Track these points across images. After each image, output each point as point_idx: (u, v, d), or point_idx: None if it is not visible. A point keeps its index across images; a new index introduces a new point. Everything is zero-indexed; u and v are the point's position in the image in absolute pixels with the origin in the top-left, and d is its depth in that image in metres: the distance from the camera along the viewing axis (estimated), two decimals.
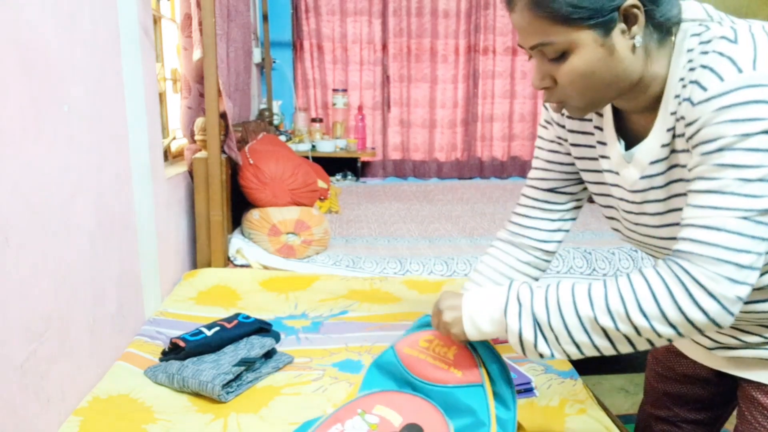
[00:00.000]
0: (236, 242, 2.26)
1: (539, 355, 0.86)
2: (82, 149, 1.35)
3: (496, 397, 0.97)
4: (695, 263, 0.75)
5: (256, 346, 1.43)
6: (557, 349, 0.85)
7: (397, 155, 4.40)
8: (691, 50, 0.79)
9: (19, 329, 1.07)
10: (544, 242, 1.10)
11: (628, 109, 0.90)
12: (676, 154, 0.83)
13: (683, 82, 0.79)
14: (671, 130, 0.82)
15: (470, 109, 4.37)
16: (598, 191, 1.01)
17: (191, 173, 2.18)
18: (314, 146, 3.94)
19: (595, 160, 0.98)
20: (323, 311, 1.83)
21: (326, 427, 0.96)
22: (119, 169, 1.59)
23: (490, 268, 1.13)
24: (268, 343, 1.46)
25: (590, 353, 0.84)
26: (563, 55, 0.80)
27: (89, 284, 1.37)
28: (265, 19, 4.03)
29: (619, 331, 0.79)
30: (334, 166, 4.10)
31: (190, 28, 2.14)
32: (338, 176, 4.16)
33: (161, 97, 2.31)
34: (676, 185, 0.85)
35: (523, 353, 0.88)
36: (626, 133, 0.92)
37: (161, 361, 1.44)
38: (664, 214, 0.89)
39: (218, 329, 1.47)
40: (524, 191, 1.11)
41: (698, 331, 0.78)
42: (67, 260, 1.26)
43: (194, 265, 2.22)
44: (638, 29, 0.78)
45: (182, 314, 1.75)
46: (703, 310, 0.75)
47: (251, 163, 2.32)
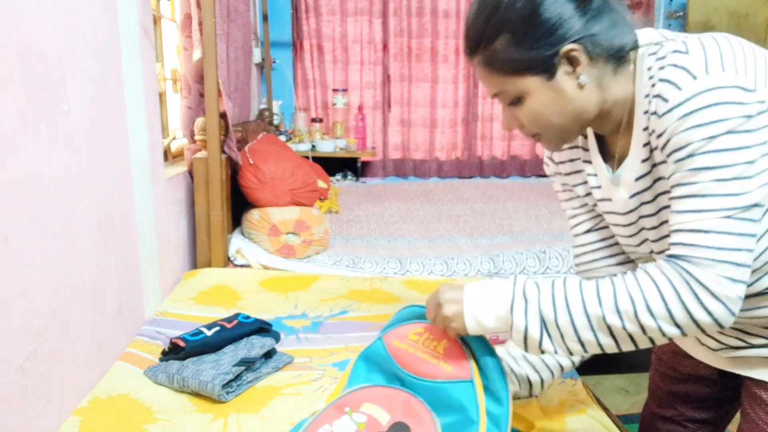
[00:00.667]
0: (236, 242, 2.26)
1: (541, 351, 0.87)
2: (82, 149, 1.35)
3: (487, 392, 0.96)
4: (697, 265, 0.77)
5: (256, 346, 1.43)
6: (561, 346, 0.85)
7: (397, 155, 4.40)
8: (650, 68, 0.83)
9: (19, 329, 1.07)
10: (609, 268, 1.06)
11: (603, 134, 0.95)
12: (657, 167, 0.86)
13: (648, 98, 0.83)
14: (647, 144, 0.86)
15: (470, 108, 4.38)
16: (599, 212, 1.04)
17: (191, 173, 2.18)
18: (314, 146, 3.94)
19: (589, 195, 1.02)
20: (323, 311, 1.83)
21: (315, 427, 0.95)
22: (119, 169, 1.59)
23: None
24: (268, 343, 1.46)
25: (593, 351, 0.85)
26: (519, 99, 0.87)
27: (89, 284, 1.37)
28: (265, 19, 4.03)
29: (625, 330, 0.81)
30: (334, 166, 4.10)
31: (190, 28, 2.14)
32: (338, 176, 4.16)
33: (161, 97, 2.31)
34: (663, 198, 0.88)
35: (525, 349, 0.88)
36: (610, 159, 0.96)
37: (161, 361, 1.44)
38: (658, 227, 0.91)
39: (218, 329, 1.47)
40: (573, 240, 1.10)
41: (702, 331, 0.79)
42: (67, 260, 1.26)
43: (194, 265, 2.22)
44: (583, 68, 0.84)
45: (182, 314, 1.75)
46: (708, 311, 0.77)
47: (251, 163, 2.32)
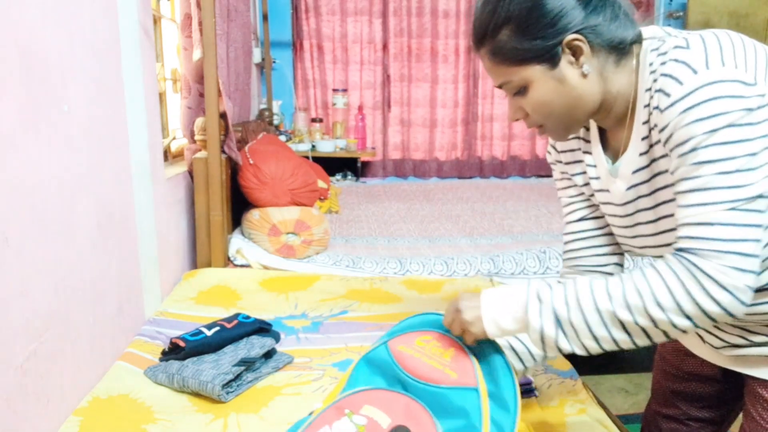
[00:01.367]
0: (236, 242, 2.26)
1: (558, 350, 0.88)
2: (82, 149, 1.35)
3: (494, 399, 0.96)
4: (703, 257, 0.78)
5: (256, 346, 1.43)
6: (577, 344, 0.86)
7: (397, 155, 4.40)
8: (651, 63, 0.86)
9: (19, 329, 1.07)
10: (602, 266, 1.09)
11: (605, 126, 0.97)
12: (656, 162, 0.88)
13: (650, 92, 0.85)
14: (646, 138, 0.88)
15: (470, 108, 4.38)
16: (596, 202, 1.06)
17: (191, 173, 2.18)
18: (314, 146, 3.94)
19: (587, 185, 1.05)
20: (323, 311, 1.83)
21: (314, 428, 0.95)
22: (119, 169, 1.59)
23: None
24: (268, 343, 1.46)
25: (609, 347, 0.86)
26: (524, 89, 0.90)
27: (89, 284, 1.37)
28: (265, 19, 4.03)
29: (637, 324, 0.82)
30: (334, 166, 4.10)
31: (190, 28, 2.14)
32: (338, 176, 4.16)
33: (161, 97, 2.31)
34: (662, 193, 0.89)
35: (543, 350, 0.90)
36: (610, 151, 0.99)
37: (161, 361, 1.44)
38: (655, 221, 0.93)
39: (218, 329, 1.47)
40: (564, 228, 1.13)
41: (712, 321, 0.80)
42: (67, 260, 1.26)
43: (194, 265, 2.22)
44: (586, 58, 0.86)
45: (182, 314, 1.75)
46: (716, 301, 0.78)
47: (251, 163, 2.32)
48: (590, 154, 1.02)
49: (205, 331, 1.45)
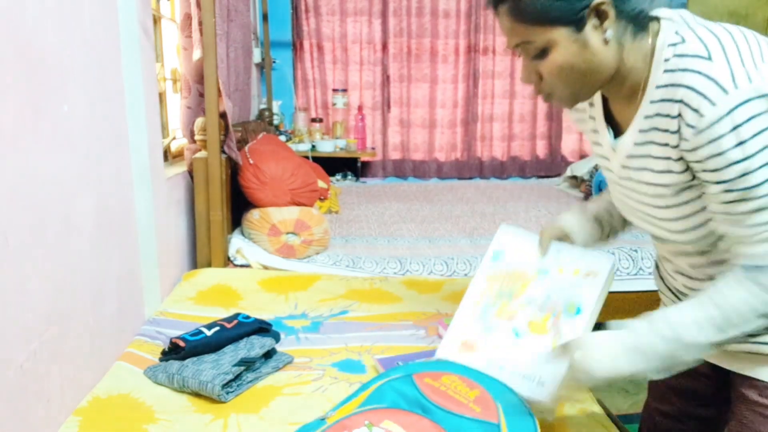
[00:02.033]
0: (236, 242, 2.26)
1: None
2: (82, 149, 1.35)
3: None
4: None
5: (256, 346, 1.43)
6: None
7: (397, 155, 4.40)
8: (668, 60, 0.87)
9: (19, 329, 1.07)
10: None
11: (612, 98, 0.99)
12: (648, 158, 0.92)
13: (663, 90, 0.87)
14: (644, 132, 0.91)
15: (470, 109, 4.37)
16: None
17: (191, 173, 2.18)
18: (314, 146, 3.94)
19: (595, 143, 1.08)
20: (323, 311, 1.83)
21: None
22: (119, 169, 1.59)
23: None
24: (268, 343, 1.46)
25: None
26: (544, 52, 0.89)
27: (89, 284, 1.37)
28: (265, 19, 4.03)
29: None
30: (334, 166, 4.10)
31: (190, 28, 2.14)
32: (338, 176, 4.16)
33: (161, 97, 2.31)
34: (645, 174, 0.94)
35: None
36: (614, 123, 1.01)
37: (161, 361, 1.44)
38: (639, 200, 0.98)
39: (218, 329, 1.47)
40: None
41: None
42: (67, 260, 1.26)
43: (194, 265, 2.22)
44: (609, 23, 0.86)
45: (182, 314, 1.75)
46: None
47: (251, 163, 2.32)
48: (594, 119, 1.04)
49: (205, 331, 1.45)
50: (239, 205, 2.41)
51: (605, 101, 1.02)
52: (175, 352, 1.42)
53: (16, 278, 1.06)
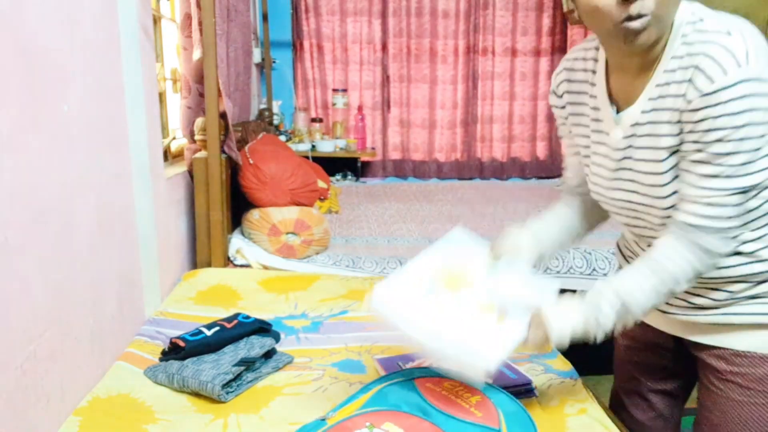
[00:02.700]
0: (236, 242, 2.26)
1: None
2: (82, 149, 1.35)
3: None
4: (707, 234, 0.94)
5: (256, 346, 1.43)
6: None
7: (396, 155, 4.39)
8: (685, 35, 0.93)
9: (19, 329, 1.07)
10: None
11: (624, 71, 1.02)
12: (654, 124, 0.98)
13: (679, 60, 0.93)
14: (660, 86, 0.96)
15: (470, 109, 4.37)
16: (585, 154, 1.15)
17: (191, 173, 2.18)
18: (314, 146, 3.94)
19: (586, 126, 1.13)
20: (323, 311, 1.83)
21: None
22: (119, 169, 1.59)
23: (556, 208, 1.29)
24: (268, 343, 1.46)
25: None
26: None
27: (89, 284, 1.37)
28: (265, 19, 4.02)
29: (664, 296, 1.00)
30: (334, 166, 4.10)
31: (190, 28, 2.14)
32: (338, 176, 4.16)
33: (161, 97, 2.31)
34: (647, 139, 1.00)
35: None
36: (615, 102, 1.06)
37: (161, 361, 1.44)
38: (637, 172, 1.03)
39: (218, 329, 1.47)
40: (565, 159, 1.27)
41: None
42: (67, 260, 1.26)
43: (194, 265, 2.22)
44: None
45: (182, 314, 1.75)
46: (711, 265, 0.98)
47: (251, 163, 2.32)
48: (595, 97, 1.08)
49: (205, 331, 1.45)
50: (239, 205, 2.41)
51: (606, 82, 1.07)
52: (175, 352, 1.42)
53: (16, 278, 1.06)
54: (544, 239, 1.22)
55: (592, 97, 1.09)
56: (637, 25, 0.90)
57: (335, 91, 4.19)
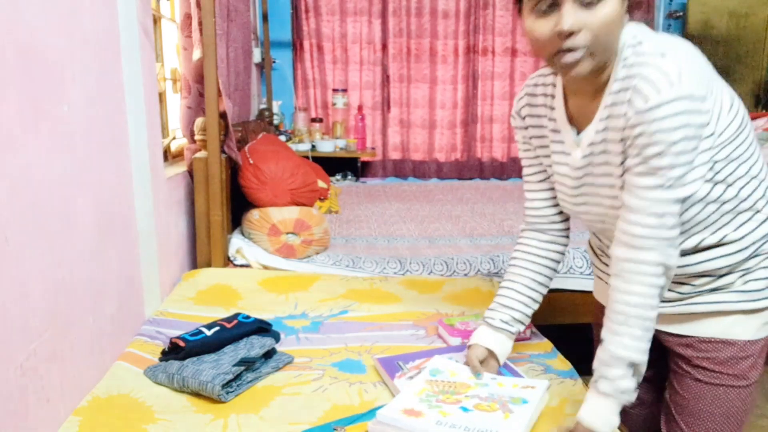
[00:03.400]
0: (236, 242, 2.26)
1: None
2: (82, 149, 1.35)
3: None
4: (651, 249, 0.99)
5: (256, 345, 1.43)
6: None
7: (396, 155, 4.40)
8: (626, 58, 1.00)
9: (19, 329, 1.07)
10: (555, 223, 1.30)
11: (579, 95, 1.10)
12: (606, 143, 1.05)
13: (620, 83, 1.00)
14: (604, 119, 1.04)
15: (470, 109, 4.37)
16: (550, 173, 1.24)
17: (191, 173, 2.18)
18: (314, 146, 3.94)
19: (547, 147, 1.21)
20: (323, 311, 1.83)
21: None
22: (119, 169, 1.59)
23: (521, 256, 1.33)
24: (268, 342, 1.46)
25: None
26: (594, 2, 0.94)
27: (89, 284, 1.37)
28: (265, 19, 4.03)
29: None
30: (334, 166, 4.10)
31: (190, 28, 2.14)
32: (338, 176, 4.16)
33: (161, 97, 2.31)
34: (603, 156, 1.07)
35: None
36: (574, 124, 1.14)
37: (161, 361, 1.44)
38: (599, 188, 1.11)
39: (218, 329, 1.47)
40: (524, 186, 1.32)
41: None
42: (67, 260, 1.26)
43: (194, 265, 2.22)
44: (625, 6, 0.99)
45: (182, 314, 1.75)
46: (660, 275, 1.02)
47: (251, 163, 2.32)
48: (554, 120, 1.16)
49: (205, 331, 1.45)
50: (239, 205, 2.41)
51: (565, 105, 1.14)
52: (175, 352, 1.42)
53: (16, 278, 1.06)
54: (518, 317, 1.32)
55: (551, 120, 1.17)
56: (569, 59, 0.98)
57: (335, 91, 4.19)
